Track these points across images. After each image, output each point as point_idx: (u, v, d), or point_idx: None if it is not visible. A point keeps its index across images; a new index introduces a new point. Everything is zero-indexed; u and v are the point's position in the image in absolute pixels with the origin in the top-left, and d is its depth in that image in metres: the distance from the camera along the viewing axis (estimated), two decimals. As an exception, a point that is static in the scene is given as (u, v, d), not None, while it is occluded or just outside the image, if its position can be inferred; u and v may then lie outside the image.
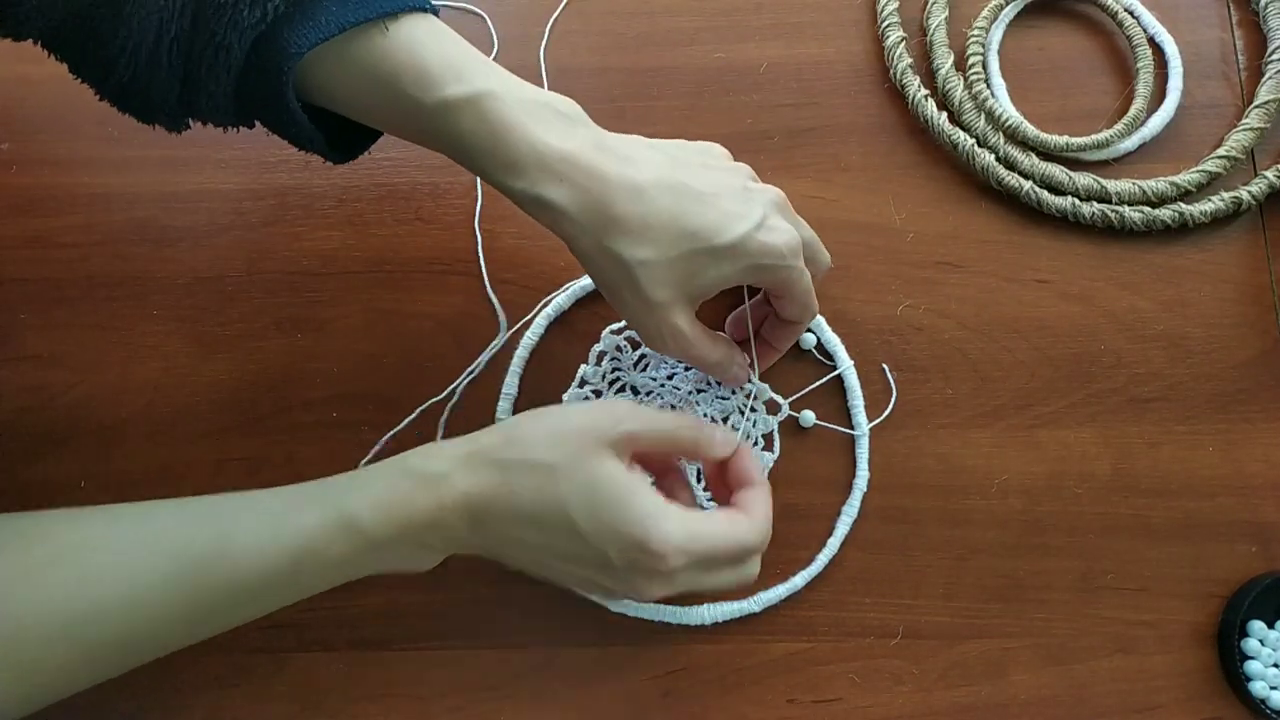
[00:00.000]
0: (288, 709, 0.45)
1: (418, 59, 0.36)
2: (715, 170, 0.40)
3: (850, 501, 0.46)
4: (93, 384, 0.48)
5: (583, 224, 0.37)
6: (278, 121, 0.38)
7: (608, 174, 0.37)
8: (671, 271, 0.38)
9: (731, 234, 0.38)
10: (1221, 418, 0.48)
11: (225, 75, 0.36)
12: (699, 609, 0.45)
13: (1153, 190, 0.50)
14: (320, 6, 0.35)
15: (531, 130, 0.36)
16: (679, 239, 0.37)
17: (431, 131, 0.37)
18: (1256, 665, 0.45)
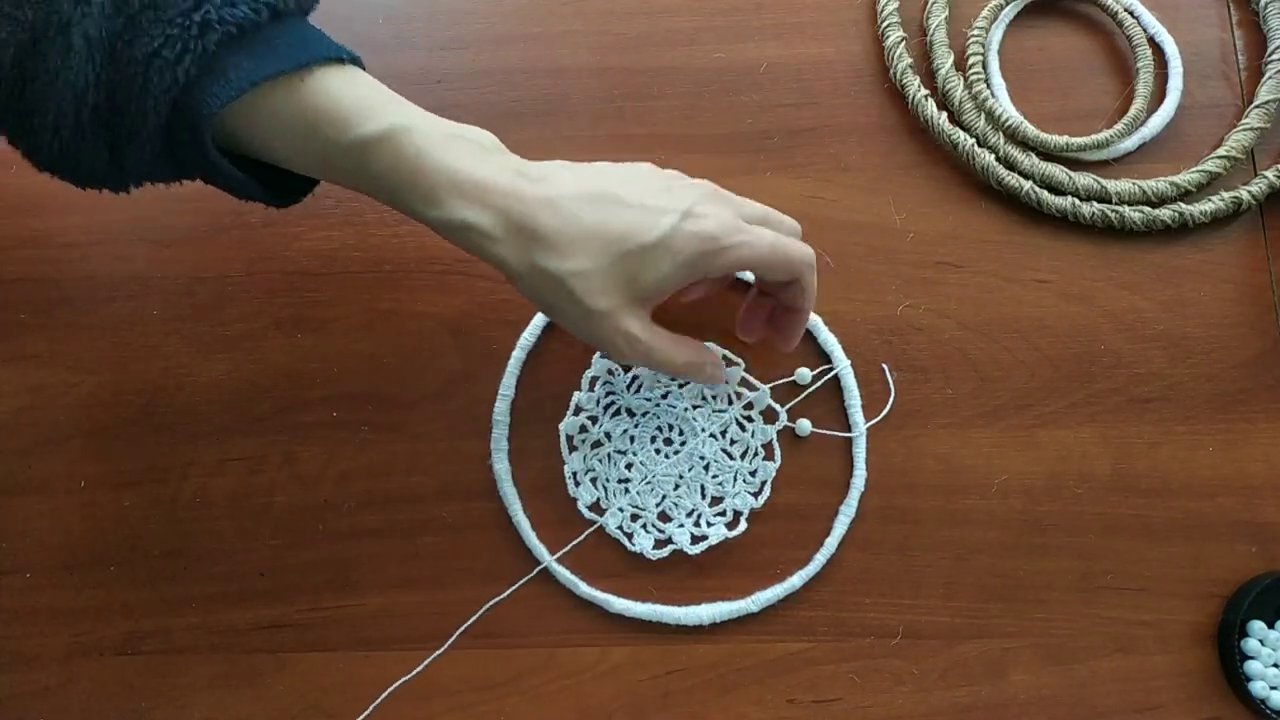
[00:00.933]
0: (288, 709, 0.45)
1: (331, 103, 0.36)
2: (637, 178, 0.40)
3: (848, 501, 0.47)
4: (93, 384, 0.48)
5: (508, 244, 0.37)
6: (210, 177, 0.38)
7: (524, 193, 0.37)
8: (608, 279, 0.38)
9: (658, 230, 0.38)
10: (1221, 418, 0.48)
11: (146, 141, 0.35)
12: (697, 609, 0.45)
13: (1153, 190, 0.50)
14: (231, 64, 0.35)
15: (446, 159, 0.37)
16: (607, 245, 0.37)
17: (350, 172, 0.38)
18: (1256, 665, 0.45)
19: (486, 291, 0.49)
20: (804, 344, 0.48)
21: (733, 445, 0.48)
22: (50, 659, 0.46)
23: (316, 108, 0.36)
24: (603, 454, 0.47)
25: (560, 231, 0.37)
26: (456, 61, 0.52)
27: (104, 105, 0.35)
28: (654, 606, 0.45)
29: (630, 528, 0.46)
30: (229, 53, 0.35)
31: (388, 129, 0.36)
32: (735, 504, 0.47)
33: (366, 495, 0.47)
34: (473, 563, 0.46)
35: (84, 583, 0.46)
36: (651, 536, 0.46)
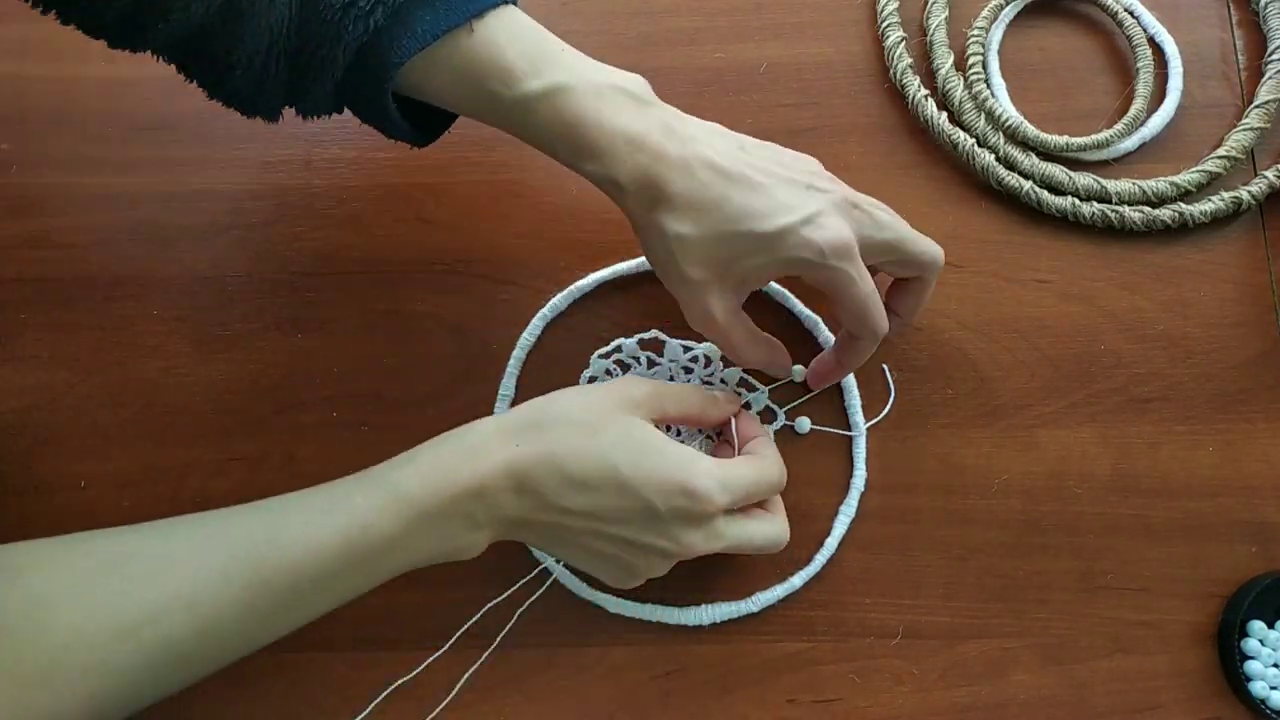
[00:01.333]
0: (288, 709, 0.45)
1: (498, 56, 0.38)
2: (781, 165, 0.40)
3: (848, 501, 0.47)
4: (93, 384, 0.48)
5: (636, 198, 0.39)
6: (372, 117, 0.41)
7: (668, 153, 0.39)
8: (709, 251, 0.39)
9: (774, 223, 0.38)
10: (1221, 418, 0.48)
11: (330, 81, 0.38)
12: (697, 609, 0.45)
13: (1153, 190, 0.50)
14: (415, 16, 0.37)
15: (602, 117, 0.39)
16: (721, 220, 0.38)
17: (512, 123, 0.40)
18: (1256, 665, 0.45)
19: (486, 291, 0.49)
20: (802, 344, 0.48)
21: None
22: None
23: (484, 60, 0.38)
24: None
25: (683, 195, 0.39)
26: (456, 61, 0.52)
27: (293, 48, 0.38)
28: (654, 607, 0.45)
29: None
30: (414, 5, 0.37)
31: (548, 88, 0.38)
32: None
33: (366, 495, 0.47)
34: (473, 563, 0.46)
35: (84, 583, 0.46)
36: None
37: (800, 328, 0.49)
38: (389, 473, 0.38)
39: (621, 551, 0.39)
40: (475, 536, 0.39)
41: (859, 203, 0.41)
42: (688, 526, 0.39)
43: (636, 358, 0.48)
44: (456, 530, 0.38)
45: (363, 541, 0.36)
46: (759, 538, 0.41)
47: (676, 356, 0.47)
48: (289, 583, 0.36)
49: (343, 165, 0.51)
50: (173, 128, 0.51)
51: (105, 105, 0.51)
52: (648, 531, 0.39)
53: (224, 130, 0.51)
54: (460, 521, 0.38)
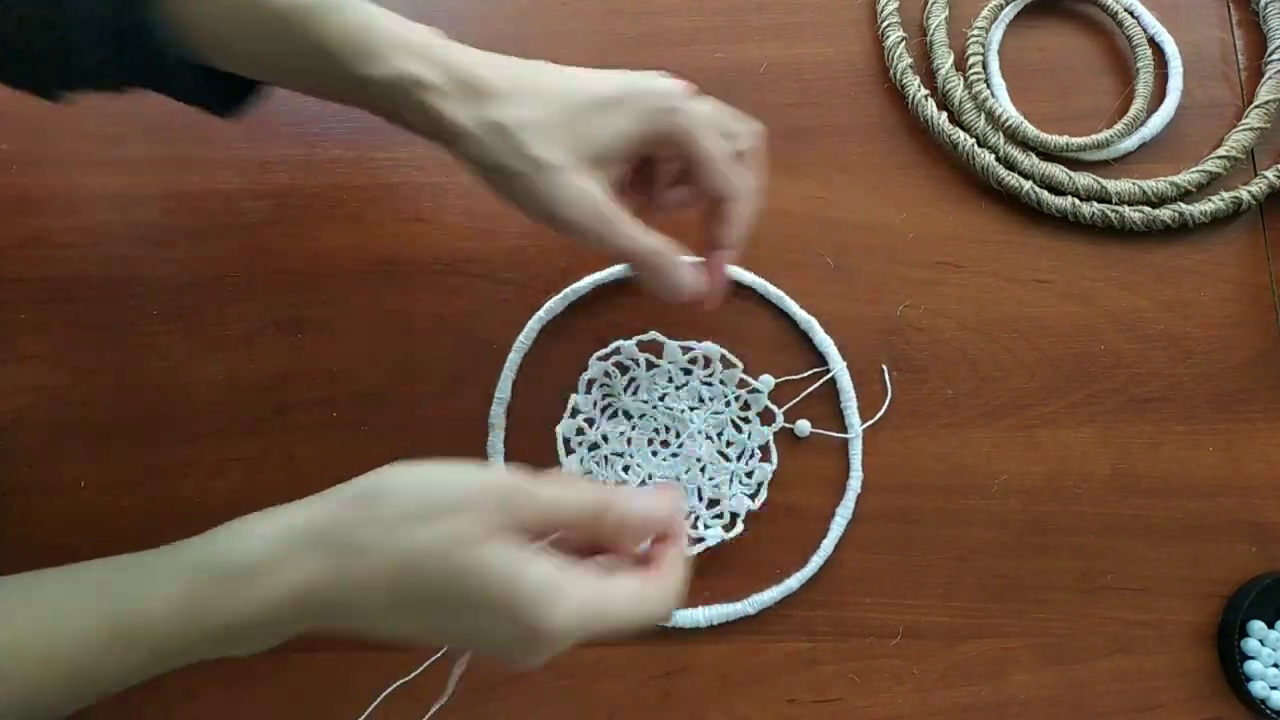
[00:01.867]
0: (288, 709, 0.45)
1: None
2: None
3: (844, 503, 0.46)
4: (93, 384, 0.48)
5: (456, 98, 0.36)
6: (152, 69, 0.36)
7: (471, 55, 0.36)
8: (557, 128, 0.36)
9: (610, 83, 0.37)
10: (1221, 418, 0.48)
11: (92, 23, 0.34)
12: (694, 612, 0.45)
13: (1153, 190, 0.50)
14: None
15: (388, 22, 0.36)
16: (557, 95, 0.36)
17: (293, 44, 0.35)
18: (1256, 665, 0.45)
19: (486, 291, 0.49)
20: (801, 346, 0.48)
21: (729, 447, 0.48)
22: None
23: None
24: (600, 456, 0.47)
25: (508, 81, 0.36)
26: (456, 61, 0.52)
27: None
28: None
29: None
30: None
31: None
32: (732, 506, 0.47)
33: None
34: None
35: (84, 583, 0.46)
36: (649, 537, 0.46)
37: (797, 330, 0.48)
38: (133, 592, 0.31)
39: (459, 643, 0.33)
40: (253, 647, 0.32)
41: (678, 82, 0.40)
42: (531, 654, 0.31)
43: (635, 359, 0.48)
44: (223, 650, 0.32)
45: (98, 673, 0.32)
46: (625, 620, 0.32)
47: (675, 357, 0.47)
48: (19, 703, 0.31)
49: (343, 165, 0.51)
50: (173, 128, 0.51)
51: (105, 105, 0.51)
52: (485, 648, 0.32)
53: (224, 130, 0.50)
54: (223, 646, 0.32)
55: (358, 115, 0.42)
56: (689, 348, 0.47)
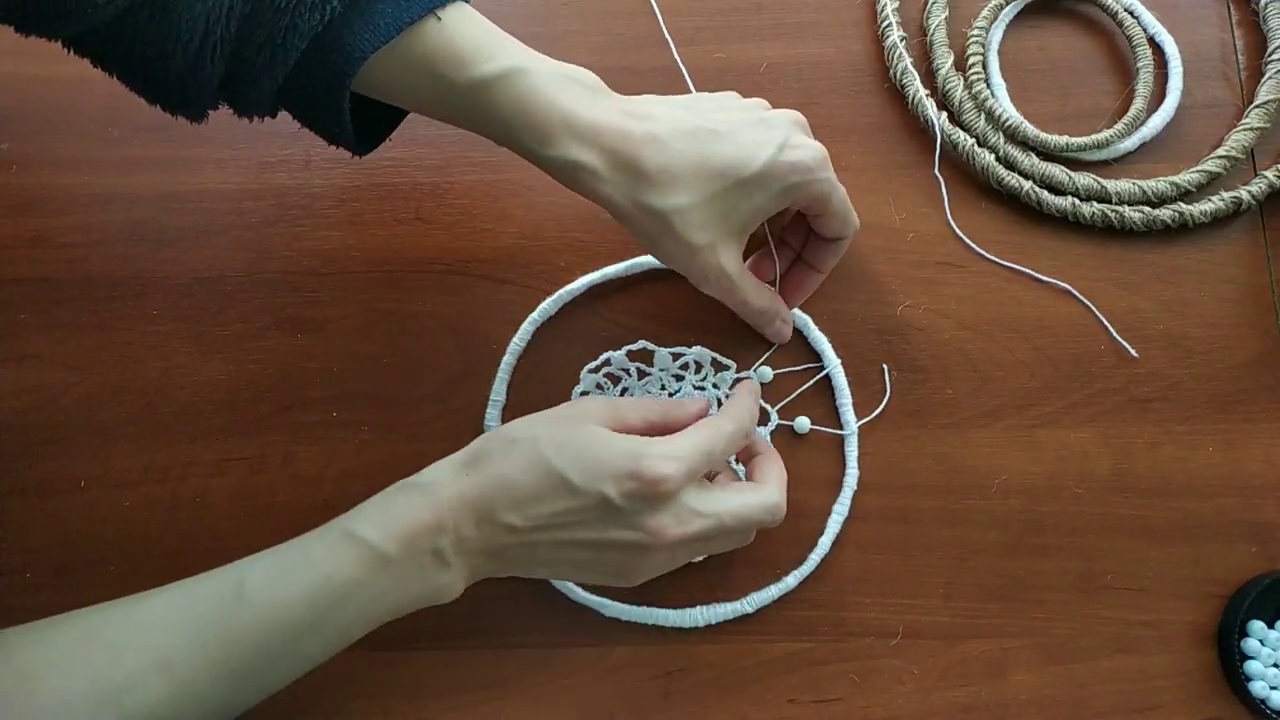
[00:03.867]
0: (288, 709, 0.45)
1: (453, 44, 0.38)
2: (730, 109, 0.42)
3: (840, 500, 0.46)
4: (93, 384, 0.48)
5: (615, 182, 0.39)
6: (319, 117, 0.39)
7: (631, 132, 0.39)
8: (707, 212, 0.40)
9: (757, 162, 0.39)
10: (1221, 418, 0.48)
11: (278, 75, 0.37)
12: (692, 611, 0.45)
13: (1153, 190, 0.50)
14: (374, 9, 0.36)
15: (559, 100, 0.38)
16: (708, 180, 0.39)
17: (467, 110, 0.39)
18: (1256, 665, 0.45)
19: (486, 291, 0.49)
20: (795, 343, 0.48)
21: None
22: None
23: (440, 48, 0.37)
24: None
25: (664, 168, 0.39)
26: (456, 61, 0.52)
27: (233, 37, 0.36)
28: (649, 609, 0.45)
29: None
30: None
31: (505, 70, 0.38)
32: None
33: (366, 495, 0.47)
34: (473, 563, 0.46)
35: (84, 583, 0.46)
36: None
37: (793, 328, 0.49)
38: (346, 522, 0.38)
39: (598, 555, 0.39)
40: (447, 576, 0.38)
41: (803, 120, 0.43)
42: (651, 511, 0.38)
43: (626, 369, 0.47)
44: (423, 571, 0.38)
45: (327, 591, 0.36)
46: (744, 509, 0.40)
47: (666, 365, 0.47)
48: (258, 639, 0.36)
49: (343, 165, 0.51)
50: (173, 128, 0.50)
51: (105, 105, 0.51)
52: (611, 526, 0.38)
53: (224, 130, 0.51)
54: (424, 561, 0.37)
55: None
56: (680, 353, 0.47)
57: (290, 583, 0.36)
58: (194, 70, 0.36)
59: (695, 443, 0.39)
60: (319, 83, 0.37)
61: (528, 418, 0.41)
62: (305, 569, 0.37)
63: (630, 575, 0.40)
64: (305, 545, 0.38)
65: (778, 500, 0.41)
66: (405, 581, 0.38)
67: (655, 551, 0.39)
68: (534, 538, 0.38)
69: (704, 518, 0.39)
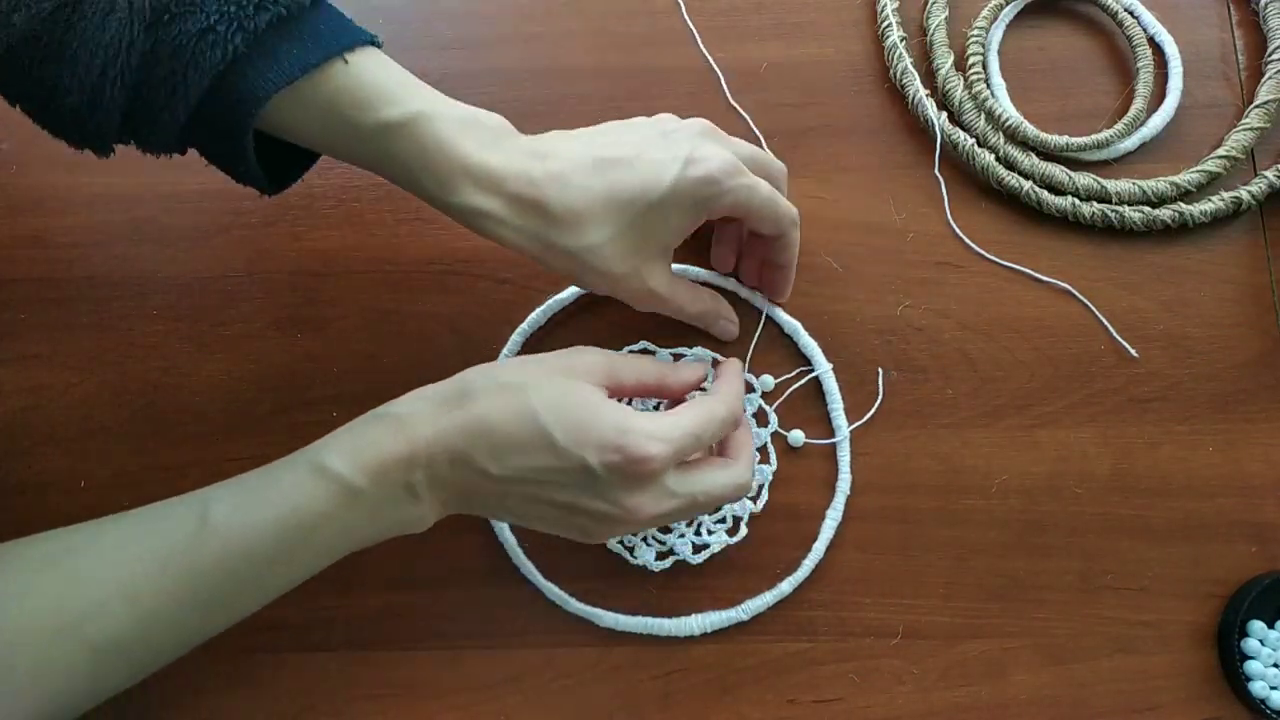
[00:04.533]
0: (288, 709, 0.45)
1: (359, 88, 0.37)
2: (632, 131, 0.41)
3: (834, 505, 0.46)
4: (93, 384, 0.48)
5: (522, 228, 0.39)
6: (224, 156, 0.39)
7: (534, 174, 0.38)
8: (622, 244, 0.39)
9: (663, 184, 0.39)
10: (1221, 418, 0.48)
11: (180, 113, 0.36)
12: (688, 620, 0.45)
13: (1153, 190, 0.50)
14: (280, 49, 0.36)
15: (461, 147, 0.38)
16: (618, 212, 0.39)
17: (370, 154, 0.39)
18: (1256, 665, 0.45)
19: (486, 291, 0.49)
20: (786, 347, 0.48)
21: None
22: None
23: (346, 90, 0.37)
24: None
25: (570, 208, 0.38)
26: (457, 61, 0.52)
27: (133, 72, 0.35)
28: (645, 619, 0.45)
29: (631, 541, 0.46)
30: (278, 36, 0.36)
31: (408, 115, 0.37)
32: (735, 510, 0.47)
33: (366, 495, 0.47)
34: (473, 562, 0.46)
35: (84, 583, 0.46)
36: (653, 549, 0.46)
37: (780, 334, 0.48)
38: (315, 454, 0.37)
39: (568, 516, 0.38)
40: (417, 510, 0.38)
41: (710, 127, 0.42)
42: (631, 489, 0.37)
43: None
44: (394, 504, 0.37)
45: (295, 524, 0.36)
46: (715, 488, 0.39)
47: None
48: (226, 570, 0.36)
49: (343, 165, 0.50)
50: (173, 128, 0.51)
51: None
52: (588, 495, 0.37)
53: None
54: (396, 494, 0.37)
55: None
56: (681, 354, 0.47)
57: (258, 515, 0.36)
58: (92, 105, 0.35)
59: (686, 427, 0.38)
60: (222, 121, 0.36)
61: (520, 360, 0.40)
62: (274, 501, 0.36)
63: (594, 538, 0.40)
64: (273, 476, 0.37)
65: (748, 480, 0.41)
66: (375, 514, 0.37)
67: (625, 525, 0.38)
68: (508, 488, 0.38)
69: (678, 498, 0.38)
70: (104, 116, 0.36)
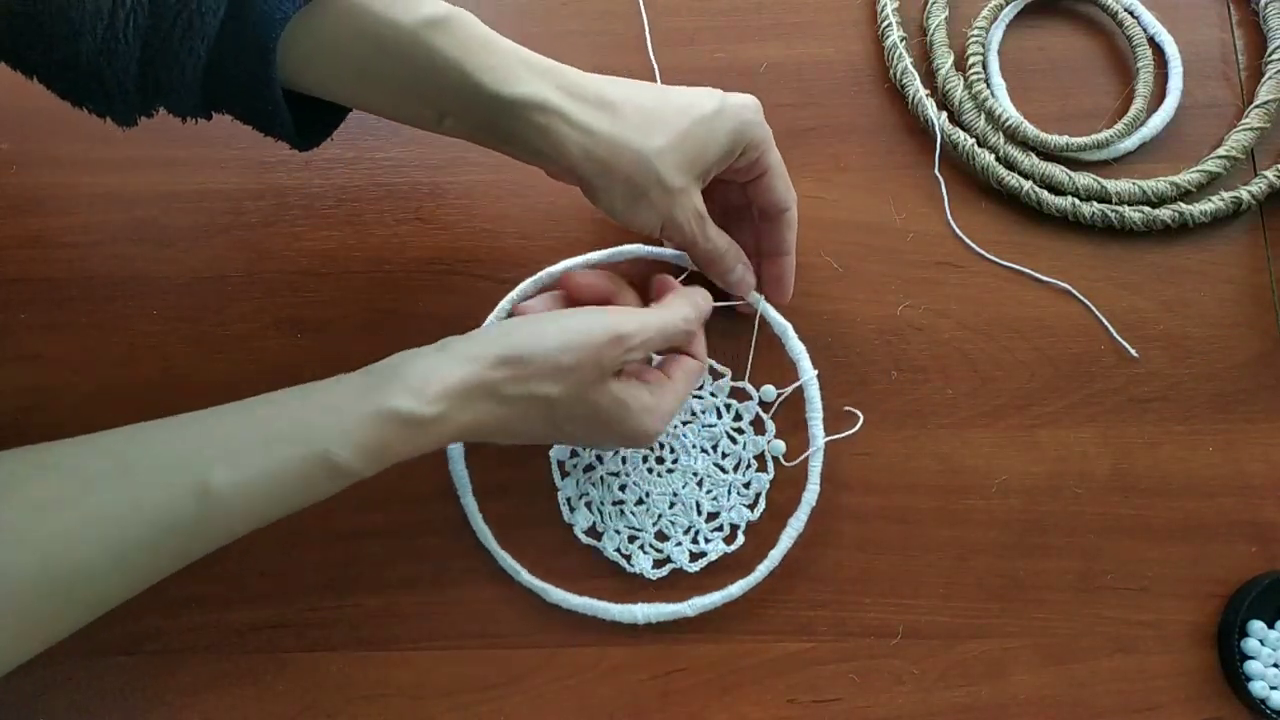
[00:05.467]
0: (288, 709, 0.45)
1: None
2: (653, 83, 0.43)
3: (796, 515, 0.45)
4: (93, 384, 0.48)
5: (589, 125, 0.38)
6: (249, 100, 0.36)
7: (596, 80, 0.39)
8: (682, 154, 0.39)
9: (712, 101, 0.40)
10: (1221, 418, 0.48)
11: (197, 46, 0.34)
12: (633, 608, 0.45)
13: (1153, 190, 0.50)
14: None
15: (511, 42, 0.38)
16: (674, 118, 0.39)
17: (413, 58, 0.36)
18: (1256, 665, 0.45)
19: (486, 291, 0.49)
20: (775, 354, 0.48)
21: (725, 459, 0.47)
22: (50, 659, 0.45)
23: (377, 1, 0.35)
24: (595, 478, 0.47)
25: (638, 106, 0.39)
26: (456, 61, 0.52)
27: (145, 9, 0.33)
28: (590, 601, 0.45)
29: (629, 549, 0.46)
30: None
31: (451, 11, 0.36)
32: (732, 518, 0.47)
33: (366, 495, 0.47)
34: (473, 563, 0.46)
35: (84, 583, 0.46)
36: (650, 557, 0.46)
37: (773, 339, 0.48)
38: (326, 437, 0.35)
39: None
40: None
41: None
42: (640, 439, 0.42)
43: None
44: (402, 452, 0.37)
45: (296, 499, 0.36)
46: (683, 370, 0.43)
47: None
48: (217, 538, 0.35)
49: (342, 165, 0.51)
50: (173, 128, 0.50)
51: (105, 105, 0.51)
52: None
53: (224, 130, 0.50)
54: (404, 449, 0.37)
55: (356, 115, 0.42)
56: None
57: (264, 493, 0.35)
58: (107, 53, 0.33)
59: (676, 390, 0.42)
60: (244, 55, 0.34)
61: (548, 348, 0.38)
62: (279, 489, 0.35)
63: None
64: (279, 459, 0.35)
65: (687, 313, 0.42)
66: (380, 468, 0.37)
67: None
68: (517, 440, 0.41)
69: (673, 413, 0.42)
70: (120, 68, 0.34)
